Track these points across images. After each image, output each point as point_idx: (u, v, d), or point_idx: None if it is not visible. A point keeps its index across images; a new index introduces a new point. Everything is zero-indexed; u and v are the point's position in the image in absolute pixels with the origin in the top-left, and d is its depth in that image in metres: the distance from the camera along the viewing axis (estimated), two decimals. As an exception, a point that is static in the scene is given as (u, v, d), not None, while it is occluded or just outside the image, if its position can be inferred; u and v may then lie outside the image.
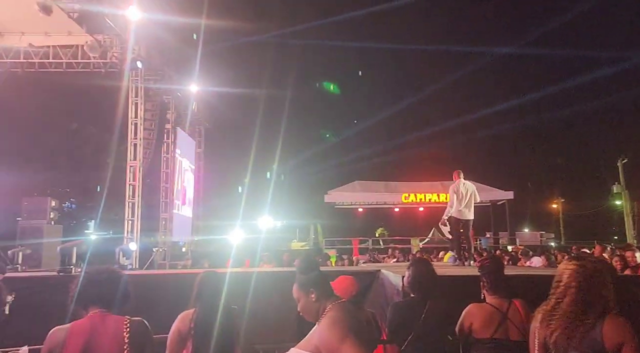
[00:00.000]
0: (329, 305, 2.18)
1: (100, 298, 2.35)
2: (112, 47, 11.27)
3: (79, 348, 2.21)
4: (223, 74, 14.94)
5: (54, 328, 2.30)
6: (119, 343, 2.24)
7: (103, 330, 2.26)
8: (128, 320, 2.32)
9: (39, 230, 10.72)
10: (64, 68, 11.97)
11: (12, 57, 11.53)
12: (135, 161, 12.35)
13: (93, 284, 2.38)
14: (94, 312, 2.33)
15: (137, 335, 2.29)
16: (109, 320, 2.30)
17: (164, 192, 14.33)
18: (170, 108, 14.08)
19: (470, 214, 7.34)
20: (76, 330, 2.25)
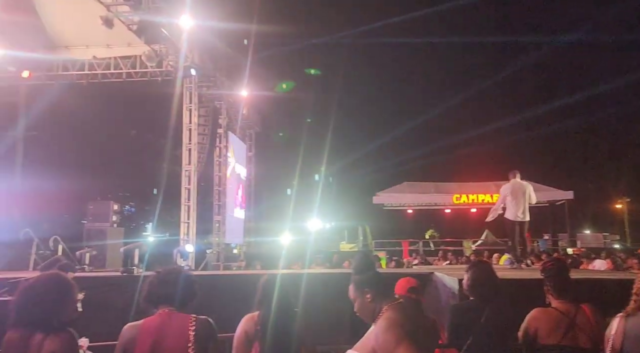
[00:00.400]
0: (385, 306, 2.17)
1: (169, 297, 2.45)
2: (168, 56, 11.73)
3: (148, 344, 2.32)
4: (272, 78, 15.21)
5: (127, 325, 2.42)
6: (185, 340, 2.32)
7: (170, 328, 2.36)
8: (194, 318, 2.40)
9: (103, 233, 11.32)
10: (124, 78, 12.60)
11: (77, 69, 12.27)
12: (190, 165, 12.75)
13: (163, 283, 2.49)
14: (163, 310, 2.43)
15: (202, 332, 2.36)
16: (176, 318, 2.39)
17: (217, 195, 14.72)
18: (222, 113, 14.46)
19: (525, 215, 7.11)
20: (146, 327, 2.37)
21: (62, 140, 16.66)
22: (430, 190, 19.85)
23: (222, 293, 6.15)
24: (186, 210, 12.71)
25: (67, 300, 2.48)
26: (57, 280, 2.53)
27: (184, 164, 12.72)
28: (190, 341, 2.31)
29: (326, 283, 6.27)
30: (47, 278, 2.55)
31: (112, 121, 17.25)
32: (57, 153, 16.79)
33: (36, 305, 2.39)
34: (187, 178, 12.78)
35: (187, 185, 12.74)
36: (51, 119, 15.50)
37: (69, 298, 2.50)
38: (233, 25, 13.02)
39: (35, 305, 2.39)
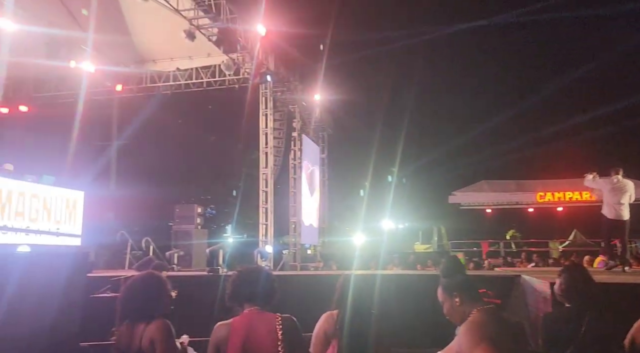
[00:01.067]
0: (474, 310, 2.13)
1: (253, 296, 2.53)
2: (244, 64, 12.22)
3: (240, 342, 2.40)
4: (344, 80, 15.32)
5: (218, 323, 2.52)
6: (274, 339, 2.39)
7: (259, 327, 2.43)
8: (280, 317, 2.47)
9: (188, 234, 11.94)
10: (204, 87, 13.28)
11: (163, 80, 13.14)
12: (267, 168, 13.15)
13: (247, 283, 2.58)
14: (249, 309, 2.52)
15: (289, 331, 2.43)
16: (263, 317, 2.47)
17: (292, 197, 15.05)
18: (296, 116, 14.78)
19: (625, 214, 6.60)
20: (236, 326, 2.45)
21: (150, 148, 17.86)
22: (512, 188, 18.92)
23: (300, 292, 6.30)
24: (264, 212, 13.12)
25: (163, 295, 2.69)
26: (154, 278, 2.76)
27: (261, 167, 13.12)
28: (279, 339, 2.37)
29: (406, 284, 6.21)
30: (145, 277, 2.79)
31: (194, 128, 18.24)
32: (146, 160, 18.03)
33: (137, 301, 2.62)
34: (264, 181, 13.17)
35: (264, 188, 13.14)
36: (140, 129, 16.66)
37: (165, 294, 2.71)
38: (306, 31, 13.31)
39: (136, 301, 2.62)
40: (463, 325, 2.07)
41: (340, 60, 15.58)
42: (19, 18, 8.82)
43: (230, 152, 19.02)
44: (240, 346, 2.38)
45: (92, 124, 14.74)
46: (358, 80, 18.59)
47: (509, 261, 13.05)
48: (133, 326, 2.59)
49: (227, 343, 2.40)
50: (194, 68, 12.99)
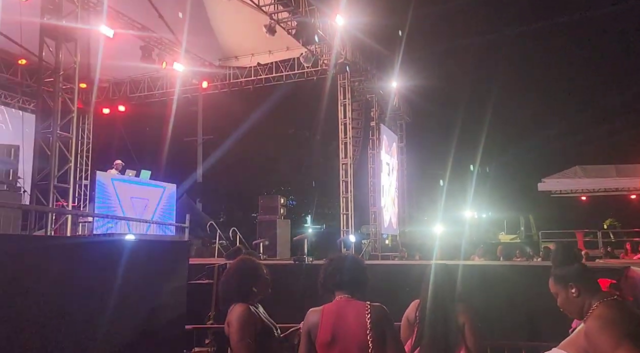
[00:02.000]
0: (596, 303, 1.97)
1: (344, 284, 2.53)
2: (322, 55, 12.31)
3: (329, 328, 2.42)
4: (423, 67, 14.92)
5: (310, 310, 2.56)
6: (363, 326, 2.38)
7: (348, 314, 2.44)
8: (369, 304, 2.45)
9: (272, 224, 12.28)
10: (284, 80, 13.58)
11: (245, 76, 13.61)
12: (347, 158, 13.22)
13: (337, 270, 2.58)
14: (340, 296, 2.53)
15: (378, 319, 2.40)
16: (352, 305, 2.47)
17: (371, 187, 14.99)
18: (374, 105, 14.66)
19: None
20: (327, 313, 2.48)
21: (233, 142, 18.61)
22: (610, 173, 17.37)
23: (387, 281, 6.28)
24: (345, 201, 13.20)
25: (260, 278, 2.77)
26: (250, 263, 2.85)
27: (340, 157, 13.21)
28: (367, 327, 2.37)
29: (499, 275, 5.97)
30: (242, 262, 2.88)
31: (274, 121, 18.73)
32: (230, 154, 18.84)
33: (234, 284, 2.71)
34: (344, 171, 13.26)
35: (344, 178, 13.22)
36: (224, 124, 17.42)
37: (262, 276, 2.78)
38: (383, 19, 13.11)
39: (233, 284, 2.71)
40: (592, 321, 1.93)
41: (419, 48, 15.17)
42: (119, 25, 9.53)
43: (309, 143, 19.31)
44: (330, 332, 2.40)
45: (180, 120, 15.66)
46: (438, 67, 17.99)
47: (610, 252, 12.06)
48: (226, 306, 2.71)
49: (317, 329, 2.44)
50: (273, 62, 13.31)
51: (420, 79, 15.24)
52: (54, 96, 5.97)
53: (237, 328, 2.51)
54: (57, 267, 3.11)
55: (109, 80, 14.10)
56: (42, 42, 6.04)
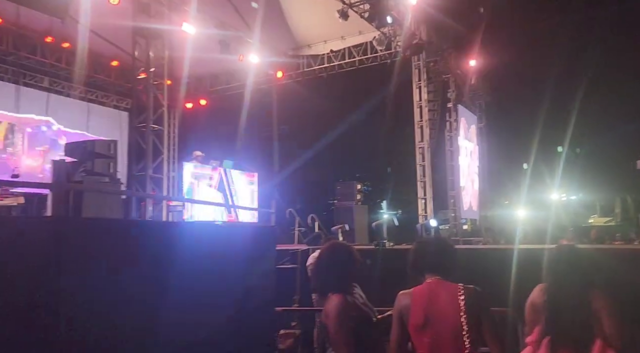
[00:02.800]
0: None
1: (433, 267, 2.51)
2: (396, 37, 12.04)
3: (422, 310, 2.40)
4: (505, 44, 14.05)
5: (400, 292, 2.54)
6: (455, 308, 2.34)
7: (440, 296, 2.41)
8: (462, 286, 2.41)
9: (350, 210, 12.37)
10: (357, 65, 13.47)
11: (318, 64, 13.67)
12: (423, 142, 12.92)
13: (426, 254, 2.56)
14: (430, 279, 2.50)
15: (472, 301, 2.35)
16: (444, 287, 2.44)
17: (450, 170, 14.55)
18: (451, 86, 14.15)
19: None
20: (418, 295, 2.46)
21: (309, 130, 18.88)
22: None
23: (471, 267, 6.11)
24: (422, 186, 12.95)
25: (356, 264, 2.75)
26: (346, 249, 2.85)
27: (416, 141, 12.95)
28: (461, 309, 2.33)
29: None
30: (338, 250, 2.88)
31: (348, 107, 18.71)
32: (305, 142, 19.13)
33: (330, 270, 2.71)
34: (420, 155, 12.99)
35: (421, 162, 12.96)
36: (299, 112, 17.68)
37: (358, 262, 2.77)
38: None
39: (330, 275, 2.70)
40: None
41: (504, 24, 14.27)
42: (198, 21, 9.95)
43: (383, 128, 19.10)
44: (422, 314, 2.39)
45: (257, 111, 16.10)
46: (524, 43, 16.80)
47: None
48: (321, 296, 2.75)
49: (409, 311, 2.43)
50: (346, 48, 13.23)
51: (502, 56, 14.38)
52: (146, 92, 6.39)
53: (334, 320, 2.50)
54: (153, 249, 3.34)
55: (191, 75, 14.79)
56: (134, 42, 6.47)
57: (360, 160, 21.15)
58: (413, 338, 2.45)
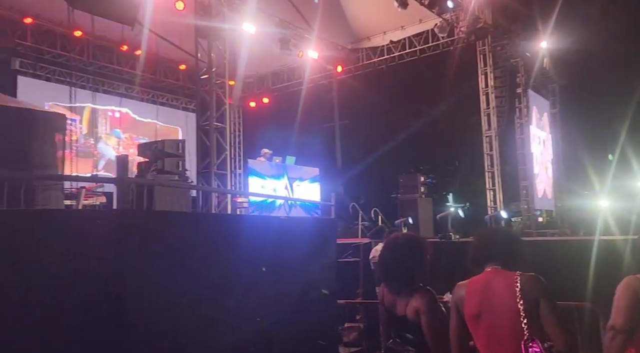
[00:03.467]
0: None
1: (493, 256, 2.41)
2: (458, 23, 11.60)
3: (476, 300, 2.34)
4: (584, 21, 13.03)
5: (457, 284, 2.49)
6: (512, 295, 2.24)
7: (496, 285, 2.32)
8: (519, 274, 2.30)
9: (413, 203, 12.14)
10: (418, 55, 13.15)
11: (378, 55, 13.51)
12: (490, 130, 12.43)
13: (486, 243, 2.48)
14: (489, 268, 2.41)
15: (529, 287, 2.25)
16: (501, 275, 2.34)
17: (521, 159, 13.85)
18: (520, 71, 13.43)
19: None
20: (473, 285, 2.40)
21: (369, 123, 18.69)
22: None
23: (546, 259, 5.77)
24: (490, 176, 12.46)
25: (424, 255, 2.70)
26: (412, 238, 2.81)
27: (483, 129, 12.51)
28: (517, 296, 2.23)
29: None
30: (404, 238, 2.84)
31: (409, 98, 18.33)
32: (367, 135, 18.97)
33: (397, 262, 2.66)
34: (488, 144, 12.53)
35: (488, 151, 12.51)
36: (360, 106, 17.56)
37: (426, 253, 2.71)
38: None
39: (396, 262, 2.67)
40: None
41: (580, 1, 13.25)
42: (258, 20, 10.17)
43: (446, 118, 18.52)
44: (476, 302, 2.34)
45: (318, 107, 16.19)
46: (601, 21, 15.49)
47: None
48: (397, 292, 2.68)
49: (463, 302, 2.40)
50: (406, 38, 12.95)
51: (579, 36, 13.38)
52: (209, 91, 6.65)
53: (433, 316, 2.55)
54: (222, 241, 3.45)
55: (253, 75, 15.17)
56: (196, 43, 6.76)
57: (424, 152, 20.63)
58: (470, 329, 2.39)
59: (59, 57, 11.33)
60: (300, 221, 6.24)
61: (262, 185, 10.99)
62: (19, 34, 10.41)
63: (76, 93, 10.89)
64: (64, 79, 11.66)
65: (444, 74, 13.71)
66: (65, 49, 11.15)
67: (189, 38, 7.34)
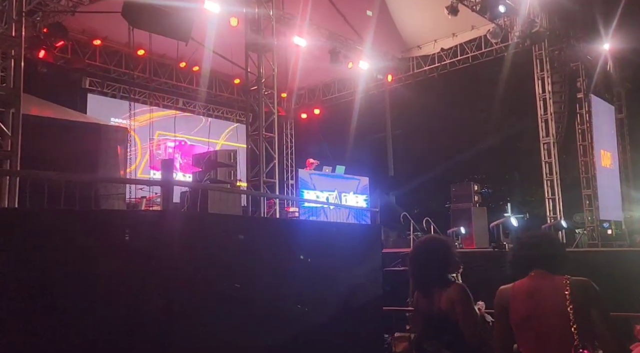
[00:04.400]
0: None
1: (536, 261, 2.37)
2: (512, 28, 11.28)
3: (523, 305, 2.29)
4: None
5: (501, 287, 2.45)
6: (561, 300, 2.18)
7: (543, 288, 2.28)
8: (568, 278, 2.24)
9: (467, 212, 11.83)
10: (471, 62, 12.88)
11: (429, 64, 13.37)
12: (549, 137, 11.93)
13: (527, 247, 2.43)
14: (533, 273, 2.36)
15: (580, 292, 2.19)
16: (548, 279, 2.30)
17: (583, 167, 13.15)
18: (580, 75, 12.82)
19: None
20: (519, 287, 2.35)
21: (422, 133, 18.49)
22: None
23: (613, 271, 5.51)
24: (549, 185, 11.94)
25: (450, 255, 2.79)
26: (435, 239, 2.93)
27: (541, 136, 12.03)
28: (567, 300, 2.17)
29: None
30: (426, 240, 2.94)
31: (463, 106, 17.97)
32: (419, 145, 18.76)
33: (424, 263, 2.75)
34: (546, 152, 12.03)
35: (547, 159, 12.01)
36: (411, 115, 17.42)
37: (451, 252, 2.80)
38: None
39: (423, 264, 2.75)
40: None
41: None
42: (308, 34, 10.41)
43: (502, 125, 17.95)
44: (524, 306, 2.29)
45: (370, 117, 16.20)
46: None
47: None
48: (428, 289, 2.75)
49: (509, 305, 2.35)
50: (457, 45, 12.75)
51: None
52: (258, 102, 6.90)
53: (468, 304, 2.64)
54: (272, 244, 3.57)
55: (305, 87, 15.46)
56: (247, 56, 7.05)
57: (480, 161, 20.09)
58: (517, 334, 2.34)
59: (123, 75, 12.14)
60: (344, 227, 6.29)
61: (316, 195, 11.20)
62: (89, 55, 11.29)
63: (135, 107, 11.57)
64: (127, 95, 12.46)
65: (499, 80, 13.36)
66: (129, 68, 11.94)
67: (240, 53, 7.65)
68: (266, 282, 3.38)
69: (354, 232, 4.84)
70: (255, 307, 3.22)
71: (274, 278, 3.46)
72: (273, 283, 3.43)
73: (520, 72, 12.47)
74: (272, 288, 3.40)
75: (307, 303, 3.70)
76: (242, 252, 3.26)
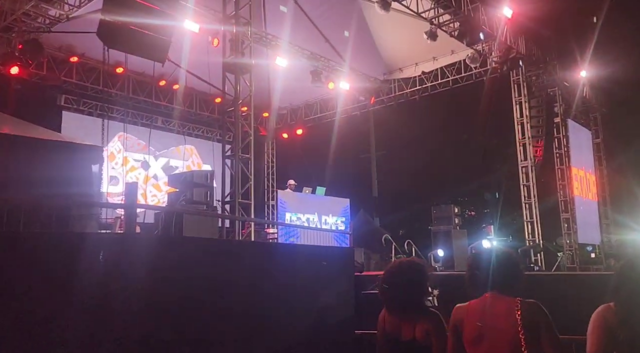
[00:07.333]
0: None
1: (489, 281, 2.40)
2: (491, 53, 11.50)
3: (476, 323, 2.35)
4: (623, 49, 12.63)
5: (457, 305, 2.51)
6: (512, 322, 2.25)
7: (495, 310, 2.33)
8: (520, 300, 2.30)
9: (448, 235, 11.84)
10: (451, 85, 13.07)
11: (410, 86, 13.52)
12: (527, 161, 12.09)
13: (481, 267, 2.44)
14: (488, 293, 2.40)
15: (530, 314, 2.25)
16: (500, 301, 2.34)
17: (561, 190, 13.29)
18: (557, 100, 13.07)
19: None
20: (473, 307, 2.41)
21: (404, 155, 18.57)
22: None
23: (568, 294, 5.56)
24: (527, 208, 12.04)
25: (425, 280, 2.75)
26: (410, 263, 2.82)
27: (519, 160, 12.20)
28: (518, 324, 2.23)
29: None
30: (407, 263, 2.85)
31: (444, 129, 18.15)
32: (402, 166, 18.81)
33: (404, 286, 2.66)
34: (524, 175, 12.19)
35: (525, 182, 12.16)
36: (393, 137, 17.53)
37: (427, 278, 2.76)
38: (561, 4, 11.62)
39: (399, 289, 2.66)
40: None
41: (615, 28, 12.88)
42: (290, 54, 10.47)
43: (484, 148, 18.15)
44: (476, 326, 2.34)
45: (353, 137, 16.24)
46: (638, 45, 14.96)
47: None
48: (401, 315, 2.68)
49: (463, 324, 2.41)
50: (438, 68, 12.94)
51: (622, 64, 12.92)
52: (234, 123, 6.84)
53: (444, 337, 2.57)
54: (246, 266, 3.51)
55: (286, 107, 15.48)
56: (224, 77, 7.01)
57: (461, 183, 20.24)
58: (468, 352, 2.40)
59: (100, 92, 11.95)
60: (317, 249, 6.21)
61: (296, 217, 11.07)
62: (65, 72, 11.10)
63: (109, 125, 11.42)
64: (104, 113, 12.27)
65: (478, 104, 13.55)
66: (107, 85, 11.78)
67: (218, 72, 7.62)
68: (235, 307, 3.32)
69: (326, 255, 4.75)
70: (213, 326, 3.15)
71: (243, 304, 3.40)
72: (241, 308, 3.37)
73: (499, 96, 12.65)
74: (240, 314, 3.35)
75: (275, 326, 3.63)
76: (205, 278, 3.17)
